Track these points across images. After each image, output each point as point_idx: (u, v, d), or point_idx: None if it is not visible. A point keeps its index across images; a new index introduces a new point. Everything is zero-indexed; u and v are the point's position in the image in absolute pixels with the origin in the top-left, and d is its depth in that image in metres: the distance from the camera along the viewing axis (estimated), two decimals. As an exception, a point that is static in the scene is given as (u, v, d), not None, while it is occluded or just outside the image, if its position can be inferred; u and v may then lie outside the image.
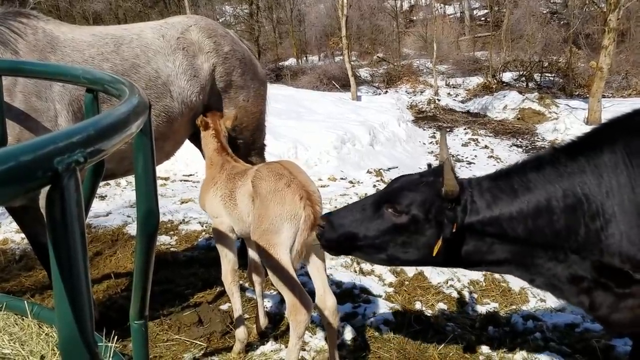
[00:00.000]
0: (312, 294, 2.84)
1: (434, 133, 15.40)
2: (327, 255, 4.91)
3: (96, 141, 0.92)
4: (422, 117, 18.34)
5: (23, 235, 4.78)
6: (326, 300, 2.82)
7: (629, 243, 2.24)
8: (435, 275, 4.61)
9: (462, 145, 13.57)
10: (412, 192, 2.49)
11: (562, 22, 26.96)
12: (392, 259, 2.60)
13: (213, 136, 3.42)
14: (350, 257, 4.95)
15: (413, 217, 2.44)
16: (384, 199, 2.56)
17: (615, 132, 2.42)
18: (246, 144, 4.16)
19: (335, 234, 2.58)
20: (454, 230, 2.37)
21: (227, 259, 3.18)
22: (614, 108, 14.49)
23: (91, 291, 0.95)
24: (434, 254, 2.40)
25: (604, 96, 15.58)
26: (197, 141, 3.90)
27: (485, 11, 34.18)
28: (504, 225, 2.39)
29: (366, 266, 4.78)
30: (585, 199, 2.30)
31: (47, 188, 0.83)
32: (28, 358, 2.40)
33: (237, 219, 2.99)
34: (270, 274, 2.70)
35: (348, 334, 3.49)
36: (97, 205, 6.49)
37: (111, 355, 2.30)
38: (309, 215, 2.62)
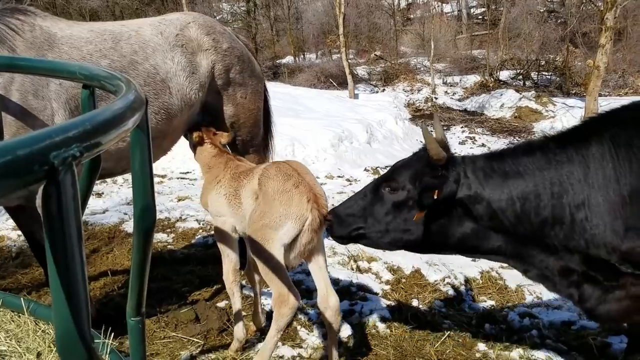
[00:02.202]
0: (311, 291, 2.85)
1: (431, 132, 15.38)
2: (325, 253, 4.92)
3: (92, 136, 0.92)
4: (419, 116, 18.33)
5: (20, 232, 4.76)
6: (329, 300, 2.82)
7: (613, 234, 2.28)
8: (432, 272, 4.62)
9: (460, 143, 13.59)
10: (405, 168, 2.58)
11: (559, 21, 27.01)
12: (395, 241, 2.65)
13: (209, 144, 3.40)
14: (347, 255, 4.95)
15: (408, 191, 2.49)
16: (381, 180, 2.64)
17: (604, 125, 2.46)
18: (244, 142, 4.15)
19: (343, 226, 2.66)
20: (435, 198, 2.40)
21: (229, 259, 3.17)
22: (610, 107, 14.47)
23: (88, 287, 0.94)
24: (415, 220, 2.46)
25: (600, 95, 15.61)
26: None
27: (483, 9, 34.16)
28: (494, 206, 2.43)
29: (363, 264, 4.78)
30: (572, 188, 2.35)
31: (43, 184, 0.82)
32: (24, 355, 2.39)
33: (241, 217, 2.98)
34: (260, 266, 2.71)
35: (345, 332, 3.49)
36: (94, 203, 6.48)
37: (108, 352, 2.29)
38: (315, 218, 2.63)
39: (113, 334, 2.59)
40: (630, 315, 2.51)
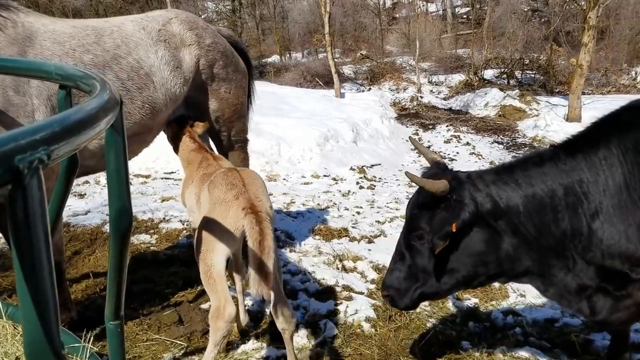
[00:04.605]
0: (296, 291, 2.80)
1: (417, 130, 15.48)
2: (310, 252, 4.90)
3: (61, 138, 0.89)
4: (404, 114, 18.42)
5: (0, 234, 4.69)
6: (281, 308, 2.71)
7: (627, 241, 2.25)
8: (417, 271, 4.62)
9: (444, 142, 13.65)
10: (420, 210, 2.50)
11: (542, 20, 27.26)
12: (452, 285, 2.60)
13: (188, 138, 3.43)
14: (333, 254, 4.94)
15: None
16: (407, 234, 2.58)
17: (610, 129, 2.41)
18: (229, 137, 4.19)
19: (405, 295, 2.61)
20: (454, 230, 2.35)
21: None
22: (593, 105, 14.69)
23: (56, 292, 0.92)
24: (435, 252, 2.41)
25: (583, 93, 15.78)
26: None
27: (467, 9, 34.37)
28: (514, 220, 2.38)
29: (349, 263, 4.78)
30: (585, 198, 2.31)
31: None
32: (2, 359, 2.35)
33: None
34: (201, 274, 2.65)
35: (330, 331, 3.48)
36: (76, 204, 6.40)
37: (87, 356, 2.26)
38: (250, 222, 2.45)
39: (95, 337, 2.56)
40: (635, 319, 2.53)
